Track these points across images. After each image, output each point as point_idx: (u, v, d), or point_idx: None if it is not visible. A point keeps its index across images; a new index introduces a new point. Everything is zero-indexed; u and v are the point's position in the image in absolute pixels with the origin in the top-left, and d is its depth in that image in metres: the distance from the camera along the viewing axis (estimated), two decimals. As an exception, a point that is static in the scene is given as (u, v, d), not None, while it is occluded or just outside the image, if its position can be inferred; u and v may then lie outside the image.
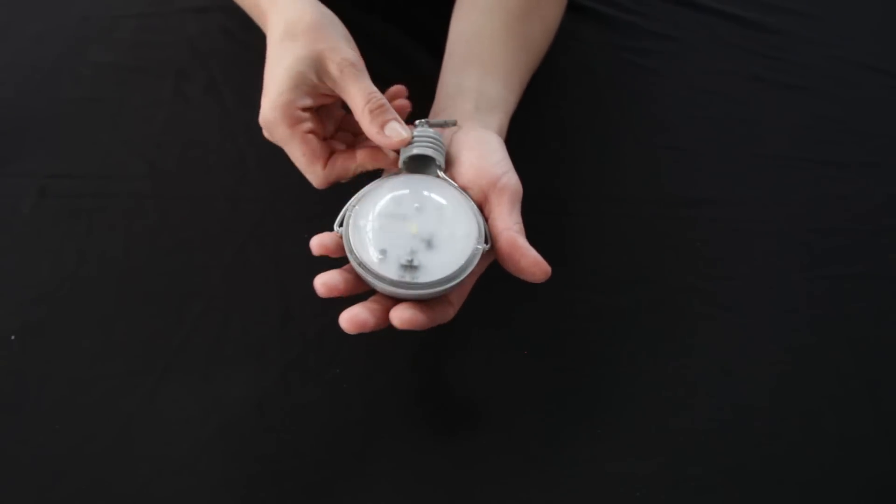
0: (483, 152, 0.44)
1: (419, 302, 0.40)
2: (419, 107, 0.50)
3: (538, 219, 0.45)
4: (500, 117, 0.48)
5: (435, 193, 0.42)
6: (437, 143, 0.43)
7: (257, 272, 0.50)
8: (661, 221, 0.54)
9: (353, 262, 0.40)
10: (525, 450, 0.44)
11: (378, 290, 0.40)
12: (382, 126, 0.42)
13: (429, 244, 0.40)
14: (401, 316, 0.39)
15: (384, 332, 0.48)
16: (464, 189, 0.43)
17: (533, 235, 0.41)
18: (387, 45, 0.63)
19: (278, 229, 0.52)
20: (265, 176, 0.55)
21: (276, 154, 0.45)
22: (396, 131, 0.42)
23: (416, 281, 0.39)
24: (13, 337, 0.47)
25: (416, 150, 0.43)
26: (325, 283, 0.39)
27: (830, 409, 0.46)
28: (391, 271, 0.39)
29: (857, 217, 0.55)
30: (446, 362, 0.47)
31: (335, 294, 0.39)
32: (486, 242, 0.41)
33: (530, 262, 0.40)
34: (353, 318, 0.39)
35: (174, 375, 0.46)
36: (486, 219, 0.42)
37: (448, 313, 0.41)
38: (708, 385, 0.47)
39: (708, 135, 0.60)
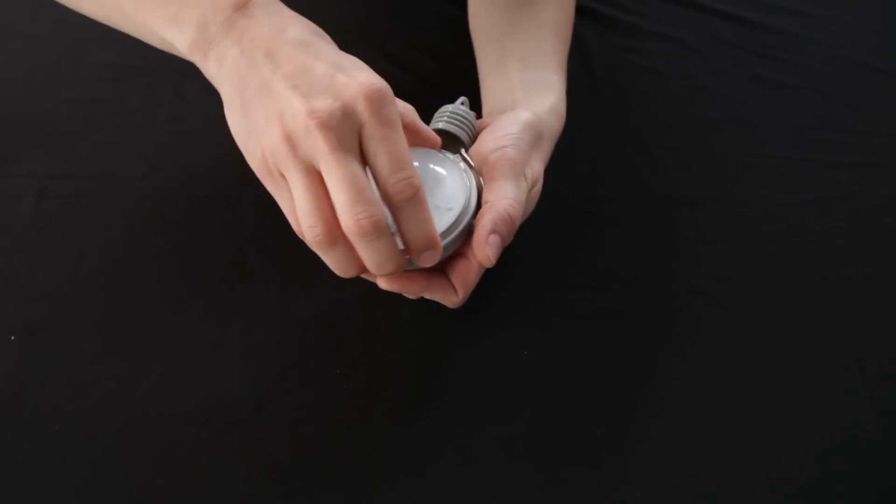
0: (496, 127, 0.44)
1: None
2: (420, 107, 0.50)
3: (538, 219, 0.45)
4: (550, 98, 0.48)
5: (436, 166, 0.42)
6: (466, 122, 0.44)
7: (257, 272, 0.50)
8: (661, 221, 0.54)
9: None
10: (525, 450, 0.44)
11: None
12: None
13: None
14: (385, 278, 0.40)
15: (384, 333, 0.48)
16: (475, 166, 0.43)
17: (533, 235, 0.41)
18: (388, 46, 0.63)
19: (278, 229, 0.52)
20: (265, 176, 0.55)
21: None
22: None
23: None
24: (13, 337, 0.47)
25: (439, 125, 0.44)
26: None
27: (831, 409, 0.46)
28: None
29: (857, 217, 0.55)
30: (446, 362, 0.47)
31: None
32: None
33: (478, 242, 0.39)
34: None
35: (174, 375, 0.46)
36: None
37: (449, 294, 0.42)
38: (707, 385, 0.47)
39: (708, 135, 0.60)
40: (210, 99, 0.59)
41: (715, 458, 0.44)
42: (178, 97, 0.60)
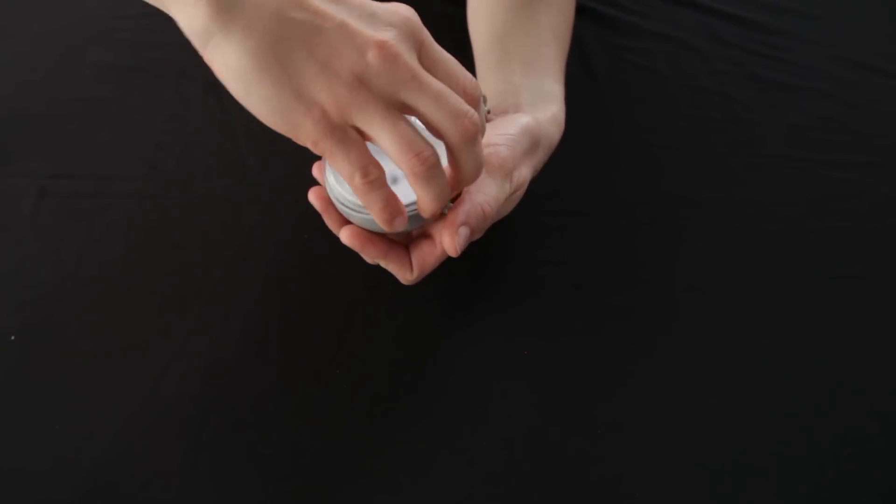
0: (496, 125, 0.44)
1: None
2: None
3: (538, 219, 0.45)
4: (553, 108, 0.48)
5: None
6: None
7: (257, 272, 0.50)
8: (661, 221, 0.54)
9: (329, 193, 0.41)
10: (525, 450, 0.44)
11: (351, 220, 0.41)
12: None
13: (394, 180, 0.39)
14: (348, 230, 0.40)
15: (384, 333, 0.48)
16: None
17: (533, 235, 0.41)
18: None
19: (278, 229, 0.52)
20: (265, 176, 0.55)
21: (276, 154, 0.45)
22: None
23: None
24: (13, 337, 0.47)
25: None
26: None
27: (831, 410, 0.46)
28: (352, 195, 0.39)
29: (857, 217, 0.55)
30: (446, 362, 0.47)
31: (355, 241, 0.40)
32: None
33: (449, 230, 0.39)
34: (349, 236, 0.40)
35: (174, 375, 0.46)
36: None
37: (404, 270, 0.42)
38: (707, 385, 0.47)
39: (708, 135, 0.60)
40: (210, 99, 0.60)
41: (714, 458, 0.44)
42: (178, 97, 0.60)
